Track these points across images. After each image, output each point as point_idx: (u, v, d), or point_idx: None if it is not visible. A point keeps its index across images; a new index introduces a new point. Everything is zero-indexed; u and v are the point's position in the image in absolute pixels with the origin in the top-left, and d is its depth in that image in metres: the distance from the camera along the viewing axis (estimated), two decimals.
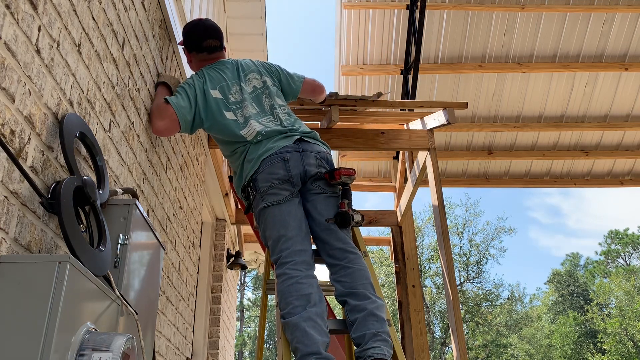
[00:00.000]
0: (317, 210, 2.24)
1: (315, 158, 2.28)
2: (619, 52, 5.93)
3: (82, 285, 1.20)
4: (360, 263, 2.15)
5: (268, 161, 2.22)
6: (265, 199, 2.20)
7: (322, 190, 2.26)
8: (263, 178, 2.21)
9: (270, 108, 2.47)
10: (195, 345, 4.49)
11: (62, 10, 1.50)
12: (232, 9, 4.97)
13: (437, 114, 3.83)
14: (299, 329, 1.91)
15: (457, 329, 3.35)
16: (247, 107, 2.42)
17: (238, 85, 2.51)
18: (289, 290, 2.02)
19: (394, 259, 5.29)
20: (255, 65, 2.67)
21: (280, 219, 2.17)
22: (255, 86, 2.55)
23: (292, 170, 2.21)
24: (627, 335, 25.38)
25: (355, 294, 2.05)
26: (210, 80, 2.49)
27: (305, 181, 2.26)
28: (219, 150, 4.21)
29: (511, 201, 60.46)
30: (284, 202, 2.19)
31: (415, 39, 5.29)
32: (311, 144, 2.32)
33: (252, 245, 6.96)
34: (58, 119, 1.49)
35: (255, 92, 2.53)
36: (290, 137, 2.30)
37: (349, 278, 2.10)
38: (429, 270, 25.86)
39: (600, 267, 33.04)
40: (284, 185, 2.20)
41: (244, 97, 2.46)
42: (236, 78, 2.55)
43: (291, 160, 2.22)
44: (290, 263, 2.09)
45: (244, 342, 31.37)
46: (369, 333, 1.92)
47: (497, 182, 6.82)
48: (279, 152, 2.23)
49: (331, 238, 2.20)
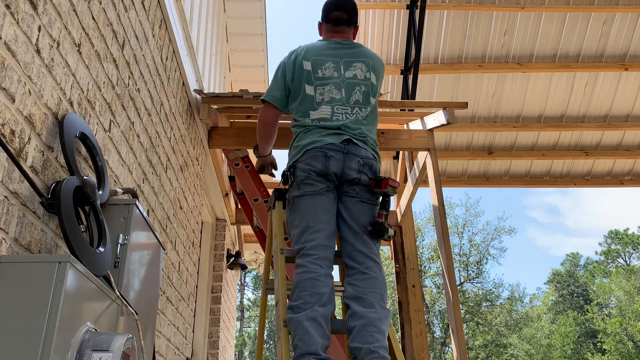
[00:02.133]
0: (349, 211, 2.23)
1: (358, 163, 2.26)
2: (619, 52, 5.92)
3: (82, 285, 1.20)
4: (378, 273, 2.14)
5: (311, 153, 2.24)
6: (301, 188, 2.22)
7: (357, 195, 2.25)
8: (302, 168, 2.24)
9: (355, 102, 2.42)
10: (195, 345, 4.49)
11: (62, 10, 1.50)
12: (232, 9, 4.97)
13: (437, 114, 3.83)
14: (301, 327, 1.92)
15: (457, 329, 3.35)
16: (332, 90, 2.40)
17: (335, 64, 2.46)
18: (305, 284, 2.02)
19: (394, 259, 5.29)
20: (371, 59, 2.54)
21: (313, 210, 2.18)
22: (356, 75, 2.46)
23: (331, 168, 2.21)
24: (627, 335, 25.37)
25: (361, 299, 2.04)
26: (307, 51, 2.48)
27: (342, 182, 2.25)
28: (219, 151, 4.21)
29: (511, 201, 60.49)
30: (319, 194, 2.20)
31: (415, 39, 5.29)
32: (358, 147, 2.29)
33: (252, 245, 6.96)
34: (58, 119, 1.49)
35: (354, 81, 2.45)
36: (340, 135, 2.29)
37: (363, 283, 2.09)
38: (429, 270, 25.85)
39: (600, 267, 33.02)
40: (321, 178, 2.21)
41: (335, 78, 2.42)
42: (339, 57, 2.49)
43: (332, 158, 2.22)
44: (312, 257, 2.09)
45: (244, 342, 31.37)
46: (365, 348, 1.90)
47: (497, 182, 6.82)
48: (324, 147, 2.24)
49: (357, 241, 2.19)
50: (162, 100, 2.68)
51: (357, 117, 2.38)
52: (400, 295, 5.12)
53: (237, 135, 3.96)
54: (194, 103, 3.46)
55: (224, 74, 5.16)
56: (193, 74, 3.46)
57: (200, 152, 3.74)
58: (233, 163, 4.27)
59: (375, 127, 2.50)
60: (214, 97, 3.56)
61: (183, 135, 3.17)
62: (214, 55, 4.51)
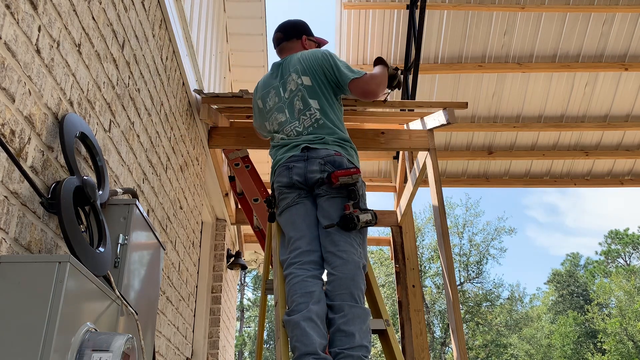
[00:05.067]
0: (322, 211, 2.23)
1: (319, 164, 2.25)
2: (619, 52, 5.92)
3: (82, 285, 1.20)
4: (344, 270, 2.06)
5: (277, 170, 2.36)
6: (280, 205, 2.33)
7: (326, 192, 2.24)
8: (275, 188, 2.36)
9: (298, 112, 2.43)
10: (195, 345, 4.49)
11: (62, 10, 1.50)
12: (232, 9, 4.97)
13: (437, 114, 3.83)
14: (299, 328, 1.93)
15: (457, 329, 3.35)
16: (277, 116, 2.50)
17: (275, 90, 2.57)
18: (294, 288, 2.06)
19: (394, 259, 5.29)
20: (301, 62, 2.51)
21: (291, 220, 2.26)
22: (291, 89, 2.48)
23: (294, 177, 2.28)
24: (627, 335, 25.36)
25: (331, 307, 2.03)
26: (257, 89, 2.71)
27: (311, 187, 2.27)
28: (219, 151, 4.21)
29: (510, 200, 60.48)
30: (293, 204, 2.28)
31: (415, 39, 5.29)
32: (317, 150, 2.29)
33: (252, 245, 6.96)
34: (58, 119, 1.49)
35: (291, 95, 2.47)
36: (298, 146, 2.34)
37: (330, 286, 2.07)
38: (429, 270, 25.84)
39: (601, 267, 33.01)
40: (289, 189, 2.30)
41: (278, 103, 2.53)
42: (278, 81, 2.58)
43: (295, 168, 2.29)
44: (297, 263, 2.14)
45: (244, 342, 31.36)
46: (332, 352, 1.92)
47: (497, 182, 6.82)
48: (286, 162, 2.33)
49: (326, 241, 2.16)
50: (162, 100, 2.68)
51: (306, 124, 2.40)
52: (400, 295, 5.11)
53: (237, 135, 3.96)
54: (194, 103, 3.46)
55: (224, 74, 5.16)
56: (193, 74, 3.46)
57: (200, 152, 3.74)
58: (233, 163, 4.27)
59: (336, 117, 2.43)
60: (214, 97, 3.56)
61: (183, 135, 3.17)
62: (214, 55, 4.51)
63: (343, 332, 1.94)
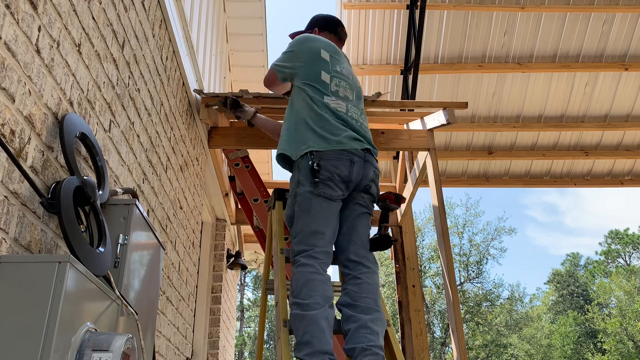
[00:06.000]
0: (350, 220, 2.26)
1: (373, 172, 2.30)
2: (619, 52, 5.92)
3: (82, 285, 1.20)
4: (372, 278, 2.16)
5: (336, 153, 2.19)
6: (319, 187, 2.14)
7: (365, 204, 2.29)
8: (328, 168, 2.15)
9: (362, 111, 2.58)
10: (195, 345, 4.49)
11: (62, 10, 1.50)
12: (232, 9, 4.97)
13: (437, 114, 3.83)
14: (317, 325, 1.90)
15: (457, 329, 3.35)
16: (346, 88, 2.53)
17: (347, 67, 2.66)
18: (315, 285, 2.01)
19: (394, 259, 5.29)
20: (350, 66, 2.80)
21: (326, 215, 2.15)
22: (354, 78, 2.68)
23: (353, 175, 2.20)
24: (627, 335, 25.36)
25: (355, 306, 2.05)
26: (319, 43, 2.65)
27: (355, 189, 2.27)
28: (219, 151, 4.21)
29: (510, 200, 60.49)
30: (335, 200, 2.18)
31: (415, 39, 5.29)
32: (373, 158, 2.34)
33: (252, 245, 6.96)
34: (58, 119, 1.49)
35: (356, 83, 2.64)
36: (361, 143, 2.30)
37: (356, 288, 2.11)
38: (429, 270, 25.84)
39: (601, 267, 33.01)
40: (342, 184, 2.19)
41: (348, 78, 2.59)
42: (347, 62, 2.71)
43: (356, 165, 2.22)
44: (320, 261, 2.10)
45: (244, 342, 31.36)
46: (359, 347, 1.91)
47: (497, 182, 6.82)
48: (351, 151, 2.23)
49: (350, 249, 2.21)
50: (162, 100, 2.68)
51: (362, 120, 2.46)
52: (400, 295, 5.11)
53: (237, 135, 3.95)
54: (194, 103, 3.46)
55: (224, 74, 5.16)
56: (193, 74, 3.46)
57: (200, 152, 3.74)
58: (233, 163, 4.27)
59: None
60: (214, 97, 3.55)
61: (183, 135, 3.17)
62: (214, 55, 4.51)
63: (369, 329, 1.96)
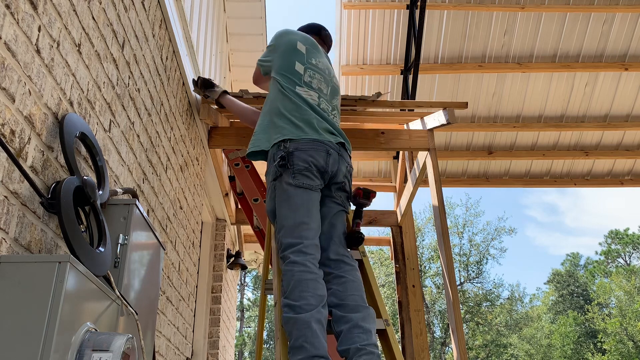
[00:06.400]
0: (328, 217, 2.24)
1: (346, 168, 2.30)
2: (619, 52, 5.92)
3: (82, 285, 1.20)
4: (355, 275, 2.13)
5: (313, 144, 2.18)
6: (297, 178, 2.12)
7: (341, 202, 2.28)
8: (303, 158, 2.13)
9: (334, 107, 2.56)
10: (195, 345, 4.49)
11: (62, 10, 1.50)
12: (232, 9, 4.97)
13: (437, 114, 3.83)
14: (310, 329, 1.85)
15: (457, 329, 3.35)
16: (321, 81, 2.52)
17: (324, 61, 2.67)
18: (307, 285, 1.94)
19: (394, 259, 5.29)
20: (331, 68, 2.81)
21: (308, 205, 2.11)
22: (333, 75, 2.69)
23: (329, 167, 2.19)
24: (627, 335, 25.36)
25: (343, 306, 2.02)
26: (297, 36, 2.66)
27: (328, 184, 2.24)
28: (219, 151, 4.21)
29: (510, 200, 60.50)
30: (314, 190, 2.15)
31: (415, 39, 5.29)
32: (347, 153, 2.33)
33: (252, 245, 6.96)
34: (58, 119, 1.49)
35: (333, 79, 2.65)
36: (335, 136, 2.30)
37: (341, 287, 2.07)
38: (429, 270, 25.84)
39: (601, 267, 33.00)
40: (319, 174, 2.17)
41: (324, 72, 2.61)
42: (324, 56, 2.72)
43: (331, 157, 2.21)
44: (310, 256, 2.03)
45: (244, 342, 31.36)
46: (353, 347, 1.88)
47: (497, 182, 6.82)
48: (326, 143, 2.21)
49: (331, 248, 2.19)
50: (162, 100, 2.68)
51: (336, 116, 2.47)
52: (400, 295, 5.11)
53: (237, 135, 3.95)
54: (194, 103, 3.46)
55: (224, 74, 5.16)
56: (193, 74, 3.46)
57: (200, 152, 3.74)
58: (233, 163, 4.27)
59: None
60: None
61: (183, 135, 3.17)
62: (214, 55, 4.51)
63: (361, 328, 1.93)
